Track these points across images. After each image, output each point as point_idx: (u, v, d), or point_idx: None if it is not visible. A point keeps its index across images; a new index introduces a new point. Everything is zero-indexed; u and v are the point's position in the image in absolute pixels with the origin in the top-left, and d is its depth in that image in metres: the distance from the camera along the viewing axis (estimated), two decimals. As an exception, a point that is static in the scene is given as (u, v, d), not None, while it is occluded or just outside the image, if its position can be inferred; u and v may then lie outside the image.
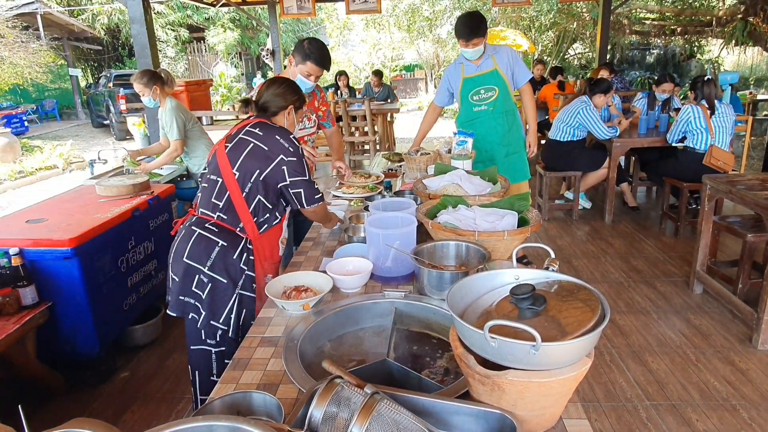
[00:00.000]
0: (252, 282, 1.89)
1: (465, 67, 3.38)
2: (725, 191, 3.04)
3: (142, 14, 4.15)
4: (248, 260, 1.87)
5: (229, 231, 1.86)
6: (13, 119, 12.44)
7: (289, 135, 1.91)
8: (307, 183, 1.91)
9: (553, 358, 0.92)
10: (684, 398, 2.42)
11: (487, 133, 3.39)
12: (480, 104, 3.40)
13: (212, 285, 1.82)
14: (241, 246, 1.86)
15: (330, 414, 0.92)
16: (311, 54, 2.41)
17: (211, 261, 1.82)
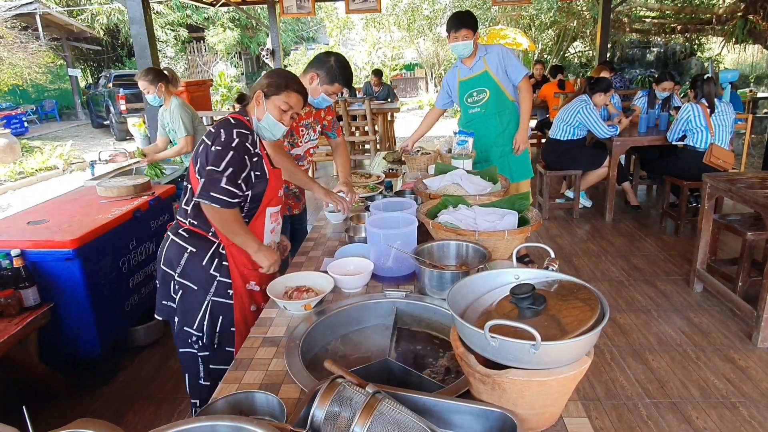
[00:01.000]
0: (227, 288, 1.81)
1: (460, 70, 3.42)
2: (725, 190, 3.04)
3: (141, 14, 4.15)
4: (220, 266, 1.80)
5: (200, 236, 1.81)
6: (13, 120, 12.44)
7: (231, 125, 1.76)
8: (213, 174, 1.66)
9: (553, 357, 0.93)
10: (684, 396, 2.43)
11: (482, 135, 3.40)
12: (474, 106, 3.43)
13: (182, 291, 1.81)
14: (212, 251, 1.80)
15: (332, 413, 0.92)
16: (340, 75, 2.38)
17: (181, 267, 1.80)
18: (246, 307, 1.86)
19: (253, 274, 1.86)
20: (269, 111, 1.82)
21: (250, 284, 1.86)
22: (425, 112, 16.62)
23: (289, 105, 1.82)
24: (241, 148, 1.72)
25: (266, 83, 1.82)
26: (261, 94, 1.82)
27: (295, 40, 21.03)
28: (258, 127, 1.84)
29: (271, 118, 1.82)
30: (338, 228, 2.36)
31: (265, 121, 1.82)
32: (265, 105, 1.82)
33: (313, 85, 2.39)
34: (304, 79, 2.42)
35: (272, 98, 1.81)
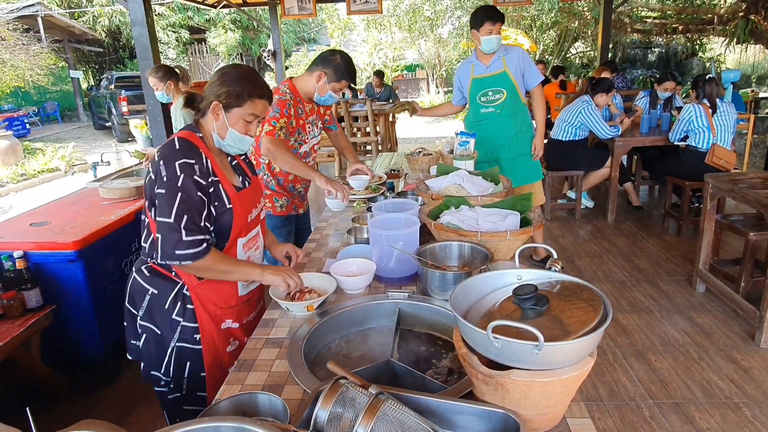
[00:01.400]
0: (193, 333, 1.60)
1: (474, 67, 3.31)
2: (727, 190, 3.04)
3: (143, 16, 4.16)
4: (184, 310, 1.58)
5: (162, 276, 1.59)
6: (15, 122, 12.48)
7: (174, 154, 1.46)
8: (168, 229, 1.40)
9: (556, 358, 0.92)
10: (687, 396, 2.43)
11: (494, 135, 3.34)
12: (487, 106, 3.34)
13: (146, 335, 1.63)
14: (174, 294, 1.57)
15: (335, 414, 0.92)
16: (347, 72, 2.45)
17: (143, 309, 1.61)
18: (219, 349, 1.65)
19: (228, 312, 1.66)
20: (233, 126, 1.54)
21: (225, 323, 1.65)
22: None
23: (255, 114, 1.56)
24: (189, 185, 1.44)
25: (224, 93, 1.52)
26: (219, 106, 1.53)
27: (296, 41, 21.06)
28: (220, 144, 1.59)
29: (236, 133, 1.56)
30: (340, 229, 2.36)
31: (230, 138, 1.56)
32: (226, 119, 1.54)
33: (320, 83, 2.45)
34: (311, 78, 2.47)
35: (234, 111, 1.54)
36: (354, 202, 2.74)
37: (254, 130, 1.60)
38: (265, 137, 2.35)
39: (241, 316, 1.70)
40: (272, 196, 2.63)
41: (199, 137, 1.56)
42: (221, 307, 1.63)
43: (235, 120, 1.54)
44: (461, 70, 3.42)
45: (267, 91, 1.60)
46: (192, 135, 1.55)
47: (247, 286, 1.70)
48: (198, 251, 1.43)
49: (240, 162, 1.73)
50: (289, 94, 2.45)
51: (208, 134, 1.58)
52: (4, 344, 2.10)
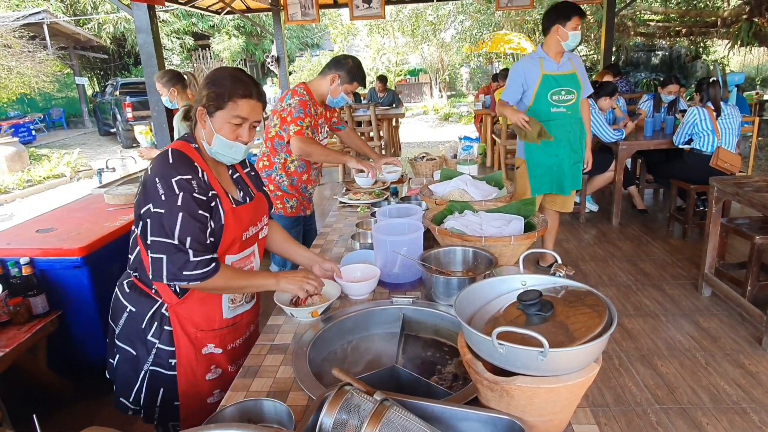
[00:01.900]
0: (169, 357, 1.49)
1: (544, 62, 3.17)
2: (732, 193, 3.02)
3: (148, 23, 4.19)
4: (161, 331, 1.48)
5: (142, 292, 1.50)
6: (21, 128, 12.58)
7: (169, 169, 1.37)
8: (172, 250, 1.32)
9: (561, 364, 0.92)
10: (694, 402, 2.41)
11: (563, 138, 3.24)
12: (558, 105, 3.21)
13: (119, 355, 1.54)
14: (151, 313, 1.47)
15: (340, 421, 0.92)
16: (358, 75, 2.63)
17: (120, 327, 1.53)
18: (198, 376, 1.53)
19: (210, 336, 1.53)
20: (219, 132, 1.43)
21: (207, 348, 1.53)
22: (430, 118, 16.52)
23: (241, 116, 1.42)
24: (189, 202, 1.35)
25: (205, 96, 1.42)
26: (203, 112, 1.43)
27: (299, 47, 21.17)
28: (212, 153, 1.47)
29: (224, 140, 1.43)
30: (345, 234, 2.37)
31: (217, 145, 1.44)
32: (211, 124, 1.42)
33: (333, 85, 2.61)
34: (324, 81, 2.63)
35: (217, 114, 1.41)
36: (358, 207, 2.75)
37: (246, 135, 1.46)
38: (295, 137, 2.50)
39: (226, 342, 1.57)
40: (283, 197, 2.71)
41: (194, 148, 1.46)
42: (203, 329, 1.51)
43: (219, 124, 1.42)
44: (526, 66, 3.22)
45: (253, 90, 1.44)
46: (186, 146, 1.46)
47: (234, 308, 1.57)
48: (207, 271, 1.36)
49: (243, 176, 1.62)
50: (307, 96, 2.58)
51: (202, 145, 1.49)
52: (10, 350, 2.11)
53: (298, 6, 7.65)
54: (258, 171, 2.71)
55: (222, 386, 1.57)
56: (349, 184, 3.16)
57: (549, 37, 3.15)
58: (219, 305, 1.53)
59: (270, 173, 2.68)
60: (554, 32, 3.08)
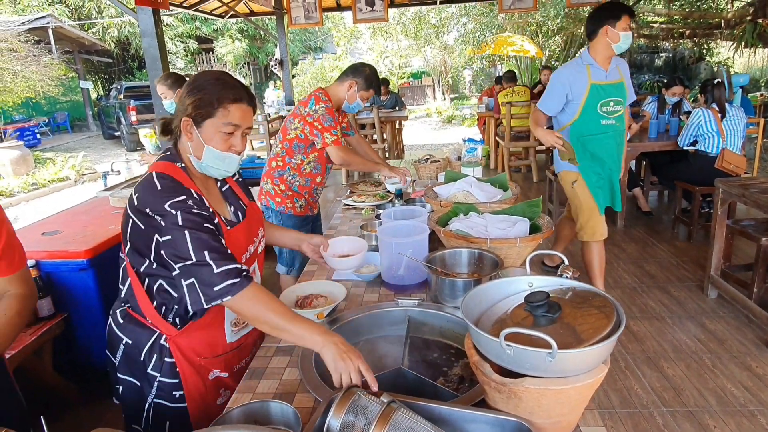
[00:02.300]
0: (173, 390, 1.38)
1: (591, 70, 2.90)
2: (738, 195, 3.01)
3: (153, 27, 4.21)
4: (162, 364, 1.36)
5: (137, 323, 1.38)
6: (26, 132, 12.65)
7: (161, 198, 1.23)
8: (197, 268, 1.19)
9: (570, 365, 0.92)
10: (701, 404, 2.39)
11: (612, 151, 3.00)
12: (608, 117, 2.95)
13: (123, 387, 1.44)
14: (150, 345, 1.36)
15: (347, 423, 0.92)
16: (375, 83, 2.73)
17: (118, 360, 1.43)
18: (209, 403, 1.43)
19: (215, 362, 1.42)
20: (209, 143, 1.30)
21: (212, 373, 1.43)
22: (433, 120, 16.52)
23: (233, 123, 1.29)
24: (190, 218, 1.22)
25: (191, 104, 1.28)
26: (189, 123, 1.29)
27: (302, 50, 21.24)
28: (202, 168, 1.35)
29: (215, 152, 1.30)
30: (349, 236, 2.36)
31: (208, 158, 1.31)
32: (200, 136, 1.29)
33: (351, 91, 2.70)
34: (342, 87, 2.71)
35: (206, 123, 1.29)
36: (363, 209, 2.75)
37: (239, 144, 1.33)
38: (334, 147, 2.61)
39: (231, 364, 1.48)
40: (293, 196, 2.76)
41: (180, 168, 1.32)
42: (206, 357, 1.40)
43: (209, 135, 1.29)
44: (571, 73, 2.93)
45: (243, 94, 1.32)
46: (171, 167, 1.31)
47: (238, 331, 1.47)
48: (236, 282, 1.19)
49: (232, 185, 1.49)
50: (329, 102, 2.65)
51: (188, 160, 1.35)
52: (16, 352, 2.11)
53: (302, 9, 7.69)
54: (270, 170, 2.78)
55: None
56: (353, 186, 3.16)
57: (596, 41, 2.86)
58: (222, 330, 1.42)
59: (282, 173, 2.73)
60: (603, 34, 2.81)
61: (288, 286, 1.77)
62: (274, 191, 2.74)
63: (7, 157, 9.00)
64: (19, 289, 1.32)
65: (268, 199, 2.77)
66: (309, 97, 2.65)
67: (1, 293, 1.30)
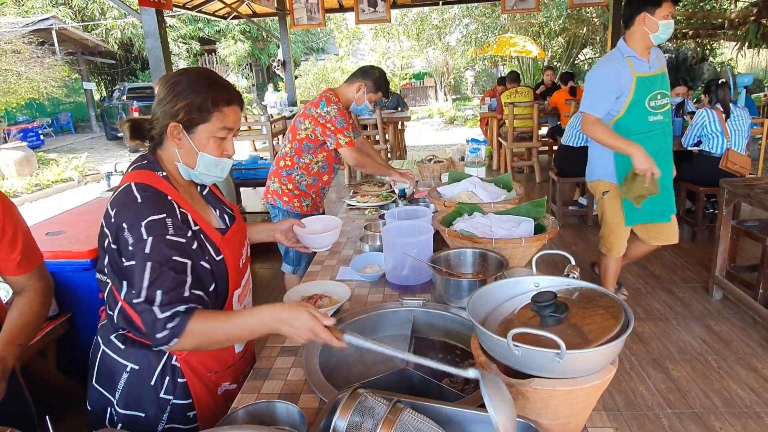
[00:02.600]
0: (187, 411, 1.29)
1: (633, 62, 2.61)
2: (744, 195, 3.00)
3: (156, 28, 4.21)
4: (175, 385, 1.26)
5: (142, 346, 1.25)
6: (29, 133, 12.69)
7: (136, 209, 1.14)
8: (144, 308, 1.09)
9: (578, 366, 0.91)
10: (707, 406, 2.38)
11: (665, 151, 2.73)
12: (656, 113, 2.67)
13: (123, 425, 1.27)
14: (161, 367, 1.25)
15: (354, 424, 0.91)
16: (384, 86, 2.77)
17: (120, 392, 1.26)
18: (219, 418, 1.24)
19: (225, 375, 1.36)
20: (203, 149, 1.22)
21: (221, 388, 1.36)
22: (435, 121, 16.50)
23: (228, 127, 1.23)
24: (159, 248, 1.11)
25: (181, 108, 1.17)
26: (179, 128, 1.19)
27: (304, 51, 21.26)
28: (191, 176, 1.27)
29: (210, 158, 1.23)
30: (353, 237, 2.36)
31: (202, 165, 1.24)
32: (192, 142, 1.20)
33: (359, 93, 2.73)
34: (351, 88, 2.75)
35: (200, 129, 1.20)
36: (366, 210, 2.74)
37: (231, 148, 1.26)
38: (348, 149, 2.65)
39: (238, 374, 1.42)
40: (300, 195, 2.79)
41: (161, 177, 1.21)
42: (217, 371, 1.33)
43: (203, 141, 1.21)
44: (614, 68, 2.63)
45: (234, 94, 1.23)
46: (151, 176, 1.20)
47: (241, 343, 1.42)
48: (174, 326, 1.07)
49: (212, 189, 1.41)
50: (336, 100, 2.68)
51: (173, 168, 1.25)
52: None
53: (304, 10, 7.70)
54: (277, 169, 2.79)
55: None
56: (356, 186, 3.16)
57: (633, 29, 2.60)
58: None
59: (291, 173, 2.76)
60: (640, 22, 2.55)
61: (293, 286, 1.77)
62: (282, 190, 2.77)
63: (10, 158, 9.03)
64: (38, 283, 1.40)
65: (275, 198, 2.79)
66: (320, 98, 2.68)
67: (22, 288, 1.38)
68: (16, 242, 1.32)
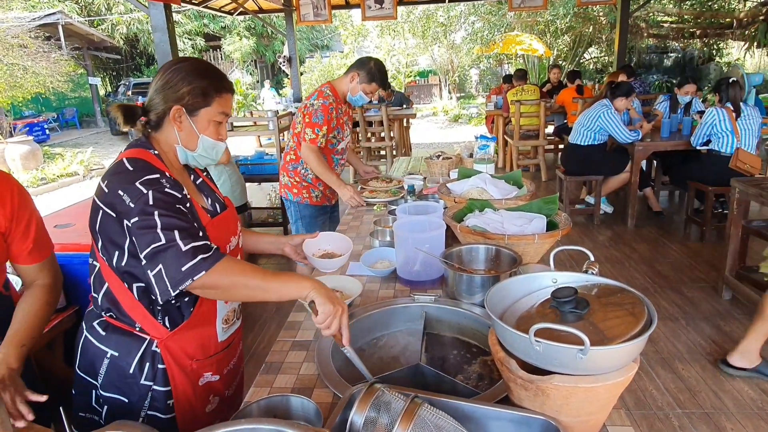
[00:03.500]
0: (166, 399, 1.29)
1: None
2: (755, 195, 2.97)
3: (164, 23, 4.20)
4: (155, 371, 1.27)
5: (123, 332, 1.26)
6: (35, 127, 12.72)
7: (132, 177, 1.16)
8: (163, 250, 1.09)
9: (601, 363, 0.89)
10: (717, 406, 2.36)
11: None
12: None
13: (108, 407, 1.30)
14: (141, 353, 1.26)
15: (370, 419, 0.90)
16: (378, 76, 2.69)
17: (102, 377, 1.28)
18: (197, 411, 1.35)
19: (206, 364, 1.35)
20: (203, 132, 1.28)
21: (203, 378, 1.35)
22: (439, 119, 16.50)
23: (226, 113, 1.31)
24: (162, 198, 1.14)
25: (187, 90, 1.23)
26: (181, 111, 1.25)
27: (309, 48, 21.24)
28: (188, 158, 1.32)
29: (209, 140, 1.29)
30: (362, 232, 2.34)
31: (202, 147, 1.30)
32: (194, 125, 1.26)
33: (353, 83, 2.71)
34: (346, 79, 2.74)
35: (201, 112, 1.26)
36: (375, 205, 2.73)
37: (225, 131, 1.34)
38: (307, 144, 2.64)
39: (222, 366, 1.41)
40: (309, 187, 2.85)
41: (154, 155, 1.25)
42: (198, 359, 1.32)
43: (204, 124, 1.27)
44: None
45: (230, 83, 1.33)
46: (144, 153, 1.23)
47: (228, 329, 1.41)
48: (208, 255, 1.10)
49: (205, 179, 1.44)
50: (332, 98, 2.69)
51: (169, 150, 1.29)
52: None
53: (311, 6, 7.67)
54: (285, 163, 2.83)
55: (221, 415, 1.43)
56: (364, 182, 3.14)
57: None
58: (213, 328, 1.35)
59: (296, 166, 2.82)
60: None
61: None
62: (291, 183, 2.85)
63: (17, 152, 9.05)
64: (47, 278, 1.42)
65: (286, 191, 2.88)
66: (316, 92, 2.73)
67: (32, 281, 1.40)
68: (30, 231, 1.35)
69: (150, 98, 1.27)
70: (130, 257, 1.18)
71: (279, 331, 1.48)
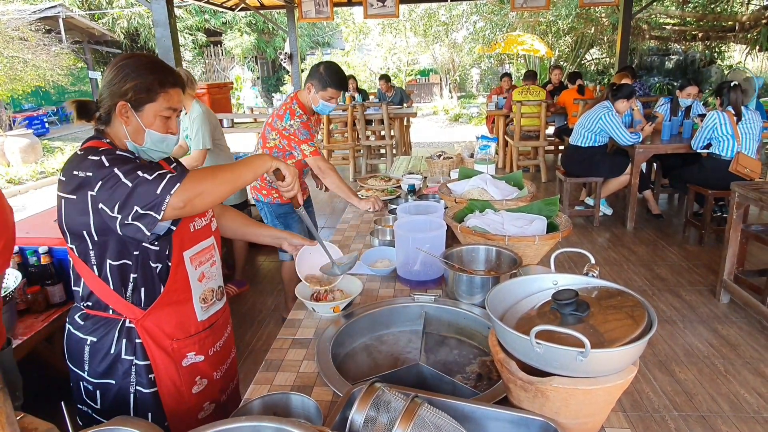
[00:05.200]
0: (148, 373, 1.33)
1: None
2: (756, 199, 2.97)
3: (166, 17, 4.20)
4: (134, 345, 1.31)
5: (98, 319, 1.32)
6: (35, 121, 12.68)
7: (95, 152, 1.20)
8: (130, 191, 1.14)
9: (601, 365, 0.90)
10: (713, 409, 2.37)
11: None
12: None
13: (100, 392, 1.35)
14: (117, 332, 1.31)
15: (371, 418, 0.91)
16: (329, 80, 2.59)
17: (87, 365, 1.34)
18: (183, 392, 1.37)
19: (188, 344, 1.36)
20: (150, 126, 1.29)
21: (187, 359, 1.37)
22: (440, 118, 16.48)
23: (173, 108, 1.31)
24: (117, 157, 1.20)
25: (130, 88, 1.24)
26: (127, 107, 1.26)
27: (310, 45, 21.19)
28: (139, 152, 1.32)
29: (157, 134, 1.30)
30: (362, 231, 2.35)
31: (150, 141, 1.30)
32: (140, 120, 1.27)
33: (311, 94, 2.66)
34: (304, 92, 2.69)
35: (146, 108, 1.27)
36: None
37: (176, 126, 1.34)
38: (312, 158, 2.65)
39: (206, 346, 1.42)
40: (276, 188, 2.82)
41: (106, 143, 1.28)
42: (178, 338, 1.34)
43: (150, 119, 1.28)
44: None
45: (179, 78, 1.32)
46: (98, 143, 1.27)
47: (207, 308, 1.41)
48: (175, 174, 1.17)
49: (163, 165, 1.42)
50: (300, 112, 2.66)
51: (120, 144, 1.30)
52: (28, 339, 2.11)
53: (313, 3, 7.65)
54: None
55: (211, 397, 1.45)
56: (363, 181, 3.14)
57: None
58: (191, 307, 1.36)
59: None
60: None
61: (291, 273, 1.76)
62: (260, 185, 2.86)
63: (16, 145, 9.03)
64: None
65: (256, 193, 2.89)
66: (284, 110, 2.67)
67: None
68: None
69: (100, 93, 1.29)
70: (99, 232, 1.21)
71: (277, 328, 1.49)
